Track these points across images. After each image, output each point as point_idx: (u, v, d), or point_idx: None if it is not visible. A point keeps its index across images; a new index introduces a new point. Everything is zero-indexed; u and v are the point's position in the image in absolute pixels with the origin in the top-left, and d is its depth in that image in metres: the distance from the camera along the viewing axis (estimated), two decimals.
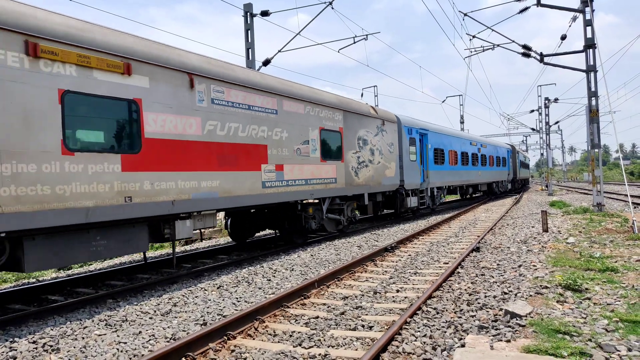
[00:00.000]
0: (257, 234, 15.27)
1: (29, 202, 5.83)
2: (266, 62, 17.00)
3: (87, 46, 6.65)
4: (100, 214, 6.59)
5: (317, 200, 12.43)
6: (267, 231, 16.04)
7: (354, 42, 18.25)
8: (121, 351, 4.90)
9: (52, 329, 5.75)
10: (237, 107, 9.35)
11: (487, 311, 5.65)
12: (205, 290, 7.61)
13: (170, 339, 5.23)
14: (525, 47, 19.19)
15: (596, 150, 17.64)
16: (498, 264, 8.52)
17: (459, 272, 8.01)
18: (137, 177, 7.21)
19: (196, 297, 7.18)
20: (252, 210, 12.22)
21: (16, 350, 5.05)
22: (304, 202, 12.00)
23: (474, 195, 28.79)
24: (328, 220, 13.09)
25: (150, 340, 5.22)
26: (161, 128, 7.66)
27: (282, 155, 10.64)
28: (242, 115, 9.46)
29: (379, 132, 15.42)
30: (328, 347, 4.80)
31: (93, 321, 6.06)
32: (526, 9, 18.41)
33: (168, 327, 5.67)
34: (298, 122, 11.27)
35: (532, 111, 49.08)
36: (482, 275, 7.70)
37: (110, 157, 6.82)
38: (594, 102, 17.47)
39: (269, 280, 8.18)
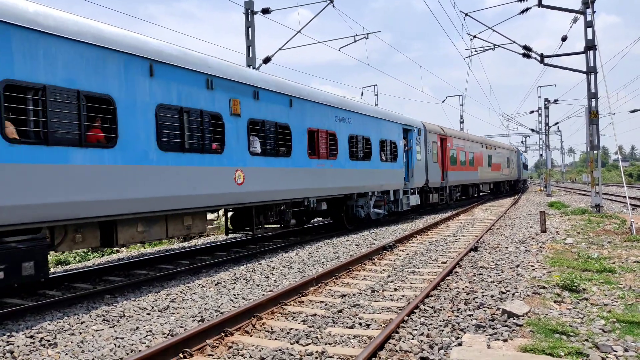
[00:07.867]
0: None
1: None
2: (267, 60, 16.98)
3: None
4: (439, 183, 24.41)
5: (504, 181, 38.93)
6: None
7: (355, 41, 18.26)
8: (118, 346, 4.91)
9: (49, 324, 5.76)
10: (495, 153, 34.39)
11: (485, 310, 5.66)
12: (203, 286, 7.61)
13: (168, 334, 5.24)
14: (525, 47, 19.18)
15: (595, 151, 17.67)
16: (496, 264, 8.53)
17: (456, 272, 8.02)
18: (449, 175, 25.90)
19: (194, 293, 7.19)
20: (498, 183, 37.38)
21: (14, 344, 5.05)
22: (500, 182, 37.77)
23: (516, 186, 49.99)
24: (505, 189, 39.20)
25: (147, 335, 5.23)
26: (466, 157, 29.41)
27: (501, 167, 36.29)
28: (497, 155, 35.20)
29: (515, 155, 41.81)
30: (325, 344, 4.80)
31: (90, 316, 6.06)
32: (527, 9, 18.40)
33: (165, 323, 5.68)
34: (501, 155, 36.89)
35: (532, 112, 48.97)
36: (479, 274, 7.72)
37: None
38: (593, 104, 17.48)
39: (267, 277, 8.18)
